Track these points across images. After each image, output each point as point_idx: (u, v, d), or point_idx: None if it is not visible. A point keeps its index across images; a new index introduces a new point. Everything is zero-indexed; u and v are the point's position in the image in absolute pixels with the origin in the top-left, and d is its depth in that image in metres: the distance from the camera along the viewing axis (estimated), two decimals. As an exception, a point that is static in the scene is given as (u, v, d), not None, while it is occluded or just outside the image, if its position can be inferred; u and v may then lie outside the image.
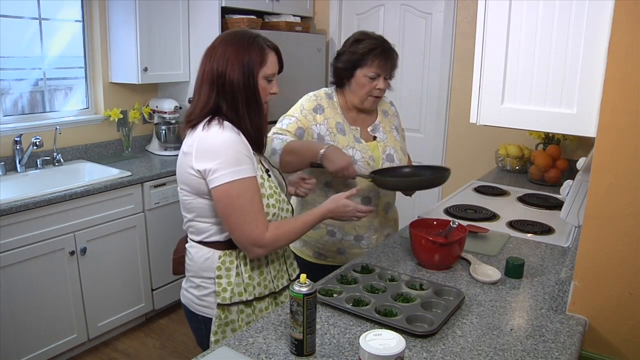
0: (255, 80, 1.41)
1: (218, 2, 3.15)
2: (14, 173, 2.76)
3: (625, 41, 1.13)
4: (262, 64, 1.42)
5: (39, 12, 2.90)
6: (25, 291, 2.37)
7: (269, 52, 1.44)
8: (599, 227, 1.26)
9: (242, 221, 1.36)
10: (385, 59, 1.79)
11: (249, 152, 1.40)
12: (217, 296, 1.44)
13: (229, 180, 1.34)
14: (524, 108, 1.31)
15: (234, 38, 1.43)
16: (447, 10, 3.40)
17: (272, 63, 1.45)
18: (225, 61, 1.39)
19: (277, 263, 1.55)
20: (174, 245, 1.67)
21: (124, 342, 2.86)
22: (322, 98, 1.89)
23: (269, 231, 1.39)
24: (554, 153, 2.87)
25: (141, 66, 3.05)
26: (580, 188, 1.61)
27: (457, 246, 1.59)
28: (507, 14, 1.27)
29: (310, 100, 1.89)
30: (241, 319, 1.47)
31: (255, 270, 1.49)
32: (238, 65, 1.39)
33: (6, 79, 2.84)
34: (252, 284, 1.47)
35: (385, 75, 1.82)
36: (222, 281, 1.44)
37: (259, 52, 1.41)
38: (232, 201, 1.35)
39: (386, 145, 1.92)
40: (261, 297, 1.50)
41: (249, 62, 1.40)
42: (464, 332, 1.25)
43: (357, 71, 1.81)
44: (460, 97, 3.43)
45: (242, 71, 1.39)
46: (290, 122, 1.83)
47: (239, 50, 1.40)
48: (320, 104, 1.88)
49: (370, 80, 1.80)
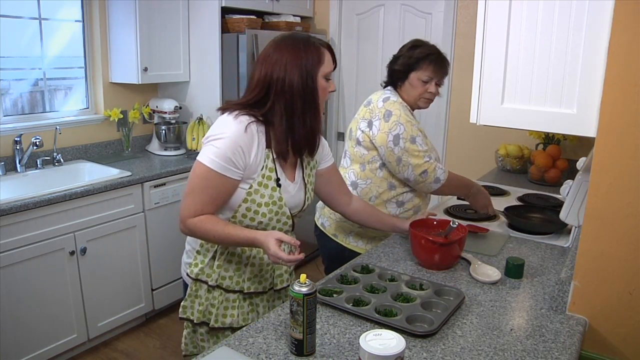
0: (314, 81, 1.41)
1: (218, 2, 3.14)
2: (14, 173, 2.76)
3: (625, 41, 1.13)
4: (320, 63, 1.42)
5: (39, 12, 2.90)
6: (25, 291, 2.36)
7: (324, 51, 1.45)
8: (599, 227, 1.26)
9: (186, 196, 1.43)
10: (440, 66, 1.96)
11: (240, 156, 1.39)
12: (188, 267, 1.55)
13: (201, 160, 1.40)
14: (524, 108, 1.31)
15: (288, 42, 1.43)
16: (447, 10, 3.40)
17: (329, 61, 1.46)
18: (283, 67, 1.39)
19: (258, 268, 1.55)
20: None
21: (124, 342, 2.86)
22: (400, 103, 1.97)
23: (194, 219, 1.41)
24: (554, 153, 2.87)
25: (141, 66, 3.05)
26: (580, 188, 1.61)
27: (457, 246, 1.59)
28: (507, 14, 1.27)
29: (401, 107, 1.94)
30: (206, 299, 1.52)
31: (231, 263, 1.52)
32: (297, 69, 1.39)
33: (6, 79, 2.84)
34: (220, 273, 1.51)
35: (437, 80, 1.97)
36: (199, 257, 1.53)
37: (315, 53, 1.42)
38: (192, 177, 1.42)
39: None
40: (229, 290, 1.53)
41: (307, 64, 1.40)
42: (464, 332, 1.25)
43: (412, 74, 1.96)
44: (460, 97, 3.43)
45: (301, 74, 1.40)
46: (421, 138, 1.92)
47: (296, 54, 1.40)
48: (406, 108, 1.98)
49: (423, 83, 1.96)
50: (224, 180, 1.39)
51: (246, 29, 3.17)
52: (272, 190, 1.46)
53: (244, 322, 1.54)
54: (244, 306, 1.55)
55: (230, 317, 1.53)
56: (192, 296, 1.54)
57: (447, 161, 3.59)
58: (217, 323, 1.52)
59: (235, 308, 1.53)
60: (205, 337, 1.57)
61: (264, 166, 1.44)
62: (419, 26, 3.55)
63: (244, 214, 1.45)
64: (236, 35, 3.16)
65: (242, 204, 1.44)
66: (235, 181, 1.41)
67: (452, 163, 3.57)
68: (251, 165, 1.42)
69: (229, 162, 1.38)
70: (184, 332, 1.59)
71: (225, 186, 1.41)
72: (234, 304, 1.53)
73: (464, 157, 3.48)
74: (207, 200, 1.40)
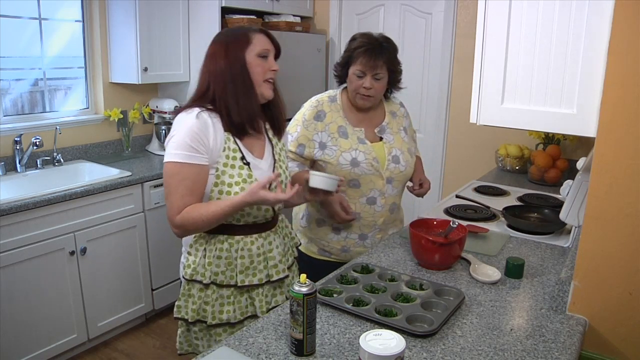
0: (242, 62, 1.48)
1: (218, 2, 3.15)
2: (14, 173, 2.76)
3: (625, 41, 1.13)
4: (248, 44, 1.50)
5: (38, 12, 2.90)
6: (25, 291, 2.36)
7: (253, 33, 1.52)
8: (599, 227, 1.26)
9: (167, 199, 1.48)
10: (369, 58, 1.78)
11: (199, 141, 1.44)
12: (183, 269, 1.59)
13: (166, 160, 1.46)
14: (524, 108, 1.31)
15: (218, 37, 1.56)
16: (447, 10, 3.40)
17: (260, 41, 1.52)
18: (214, 58, 1.51)
19: (249, 260, 1.55)
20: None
21: (124, 342, 2.86)
22: (323, 103, 1.92)
23: (180, 215, 1.45)
24: (554, 153, 2.87)
25: (141, 66, 3.04)
26: (580, 188, 1.61)
27: (457, 246, 1.59)
28: (507, 14, 1.27)
29: (311, 107, 1.92)
30: (199, 297, 1.54)
31: (222, 259, 1.53)
32: (224, 56, 1.49)
33: (6, 78, 2.84)
34: (212, 270, 1.53)
35: (371, 74, 1.81)
36: (190, 258, 1.56)
37: (242, 36, 1.51)
38: (165, 178, 1.48)
39: (392, 147, 1.92)
40: (222, 285, 1.54)
41: (233, 49, 1.49)
42: (464, 332, 1.25)
43: (350, 69, 1.85)
44: (460, 97, 3.43)
45: (229, 59, 1.48)
46: (292, 139, 1.90)
47: (223, 43, 1.51)
48: (321, 109, 1.90)
49: (357, 78, 1.83)
50: (193, 168, 1.44)
51: (246, 29, 3.17)
52: (240, 168, 1.50)
53: (241, 316, 1.56)
54: (241, 301, 1.56)
55: (227, 313, 1.54)
56: (185, 295, 1.57)
57: (447, 161, 3.60)
58: (214, 320, 1.53)
59: (231, 304, 1.54)
60: (199, 335, 1.58)
61: (226, 147, 1.49)
62: (419, 26, 3.55)
63: (218, 198, 1.48)
64: (236, 35, 3.16)
65: (213, 188, 1.48)
66: (204, 166, 1.46)
67: (452, 163, 3.58)
68: (212, 150, 1.46)
69: (191, 149, 1.43)
70: (179, 330, 1.62)
71: (197, 173, 1.45)
72: (229, 299, 1.55)
73: (464, 157, 3.48)
74: (185, 192, 1.45)
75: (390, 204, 1.95)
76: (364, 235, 1.94)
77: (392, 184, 1.92)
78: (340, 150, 1.85)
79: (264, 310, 1.58)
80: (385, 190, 1.90)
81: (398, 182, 1.94)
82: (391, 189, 1.92)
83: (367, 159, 1.86)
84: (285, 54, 1.55)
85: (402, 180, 1.96)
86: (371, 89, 1.83)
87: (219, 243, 1.53)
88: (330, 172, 1.85)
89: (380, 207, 1.91)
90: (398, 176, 1.92)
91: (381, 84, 1.85)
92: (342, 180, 1.66)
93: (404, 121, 2.02)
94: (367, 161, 1.85)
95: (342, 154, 1.85)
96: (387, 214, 1.95)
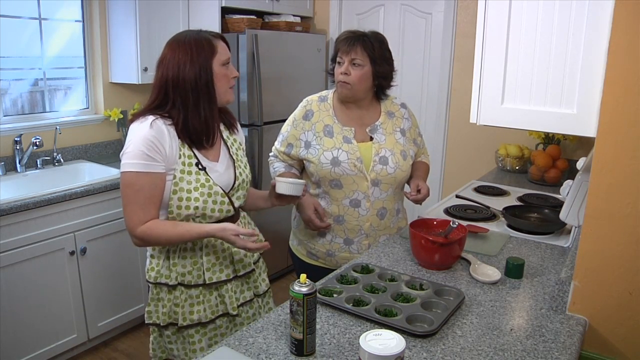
0: (209, 72, 1.48)
1: (218, 2, 3.15)
2: (14, 173, 2.76)
3: (625, 41, 1.13)
4: (214, 54, 1.49)
5: (38, 12, 2.90)
6: (25, 291, 2.37)
7: (217, 41, 1.52)
8: (599, 227, 1.26)
9: (125, 209, 1.47)
10: (347, 44, 1.80)
11: (155, 149, 1.43)
12: (147, 273, 1.59)
13: (123, 170, 1.45)
14: (524, 108, 1.31)
15: (180, 42, 1.49)
16: (447, 10, 3.40)
17: (223, 49, 1.53)
18: (177, 66, 1.46)
19: (214, 256, 1.56)
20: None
21: (124, 342, 2.86)
22: (312, 102, 1.93)
23: (142, 227, 1.45)
24: (554, 153, 2.87)
25: (141, 66, 3.04)
26: (580, 188, 1.61)
27: (457, 246, 1.59)
28: (507, 14, 1.27)
29: (301, 107, 1.94)
30: (169, 299, 1.55)
31: (187, 259, 1.54)
32: (190, 65, 1.46)
33: (6, 78, 2.84)
34: (179, 271, 1.53)
35: (348, 58, 1.79)
36: (153, 261, 1.57)
37: (207, 45, 1.49)
38: (122, 189, 1.47)
39: (381, 147, 1.86)
40: (190, 285, 1.53)
41: (200, 58, 1.47)
42: (464, 332, 1.25)
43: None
44: (460, 97, 3.43)
45: (195, 69, 1.46)
46: (282, 139, 1.95)
47: (188, 51, 1.47)
48: (310, 109, 1.91)
49: (338, 66, 1.84)
50: (150, 177, 1.43)
51: (246, 29, 3.17)
52: (197, 174, 1.50)
53: (212, 315, 1.56)
54: (211, 300, 1.56)
55: (197, 313, 1.54)
56: (154, 300, 1.57)
57: (447, 161, 3.60)
58: (185, 321, 1.53)
59: (201, 303, 1.54)
60: (172, 339, 1.58)
61: (181, 154, 1.49)
62: (419, 26, 3.55)
63: (178, 205, 1.47)
64: (236, 35, 3.17)
65: (172, 195, 1.47)
66: (161, 174, 1.45)
67: (452, 163, 3.58)
68: (169, 157, 1.46)
69: (146, 157, 1.43)
70: (151, 337, 1.62)
71: (154, 182, 1.44)
72: (198, 299, 1.54)
73: (464, 157, 3.48)
74: (144, 202, 1.44)
75: (377, 208, 1.86)
76: (349, 240, 1.89)
77: (380, 187, 1.85)
78: (322, 149, 1.84)
79: (235, 307, 1.58)
80: (371, 192, 1.84)
81: (387, 185, 1.86)
82: (378, 192, 1.85)
83: (349, 158, 1.81)
84: (285, 54, 1.56)
85: (391, 183, 1.86)
86: (348, 75, 1.80)
87: (182, 244, 1.53)
88: (313, 171, 1.86)
89: (366, 211, 1.85)
90: (386, 179, 1.84)
91: (360, 72, 1.80)
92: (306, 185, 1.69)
93: (403, 122, 1.95)
94: (349, 161, 1.81)
95: (324, 152, 1.83)
96: (375, 219, 1.87)
